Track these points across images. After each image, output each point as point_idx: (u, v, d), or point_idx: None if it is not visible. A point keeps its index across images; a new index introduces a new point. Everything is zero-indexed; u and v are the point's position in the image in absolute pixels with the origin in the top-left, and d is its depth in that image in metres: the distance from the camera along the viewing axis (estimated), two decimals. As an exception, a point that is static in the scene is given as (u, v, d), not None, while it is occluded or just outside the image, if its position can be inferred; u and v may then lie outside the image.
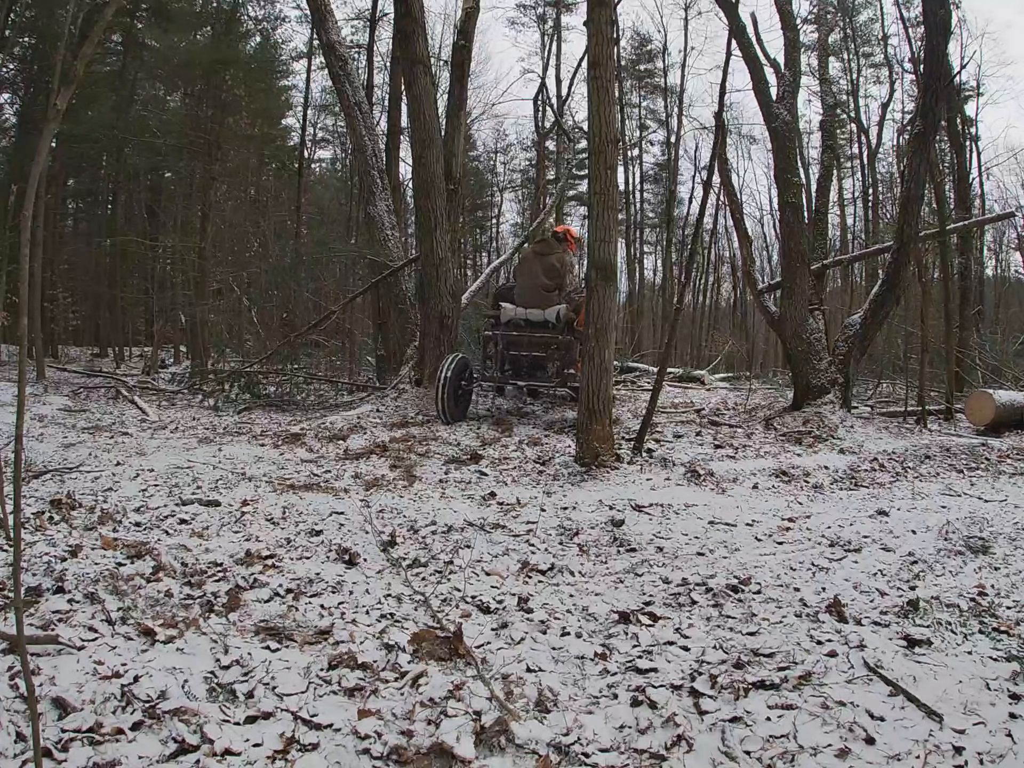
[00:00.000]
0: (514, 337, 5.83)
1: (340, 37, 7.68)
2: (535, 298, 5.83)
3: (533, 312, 5.79)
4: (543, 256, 5.99)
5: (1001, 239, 18.40)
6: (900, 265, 5.85)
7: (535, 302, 5.82)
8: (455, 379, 5.52)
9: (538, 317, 5.77)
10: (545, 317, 5.74)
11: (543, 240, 6.39)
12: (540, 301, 5.81)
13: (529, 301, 5.85)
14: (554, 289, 5.87)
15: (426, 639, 1.87)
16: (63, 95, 1.01)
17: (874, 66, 18.50)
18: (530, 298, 5.86)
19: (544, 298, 5.81)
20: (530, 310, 5.79)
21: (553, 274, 5.89)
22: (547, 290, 5.86)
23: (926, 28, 5.78)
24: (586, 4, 4.32)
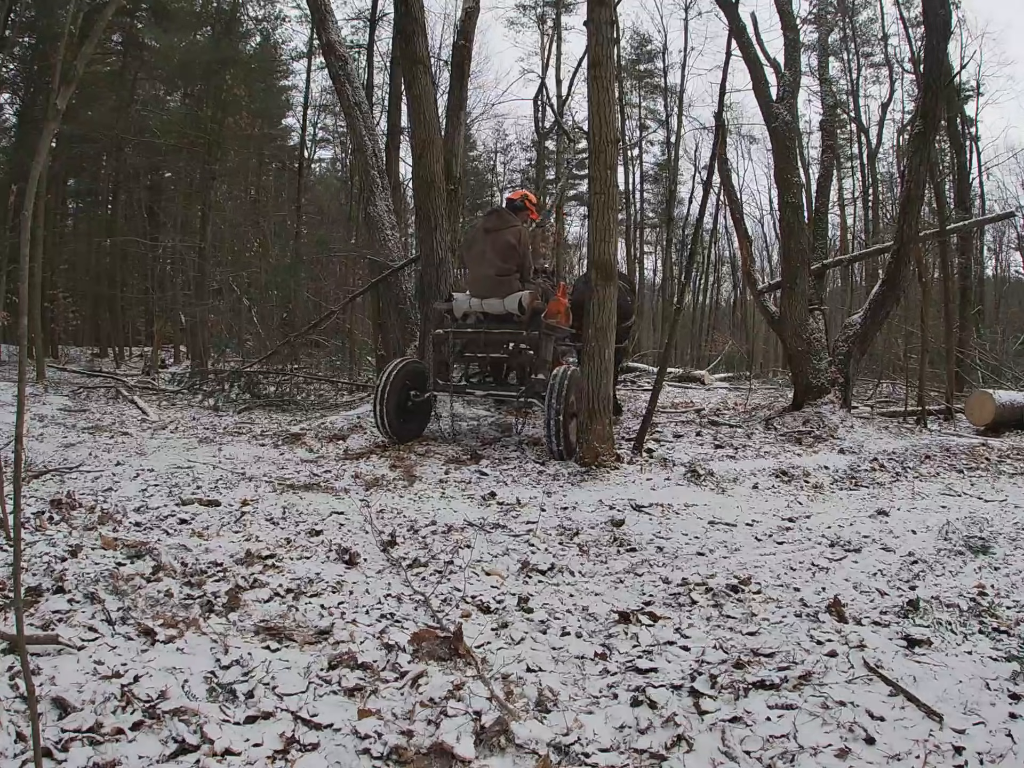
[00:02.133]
0: (470, 335, 4.87)
1: (340, 37, 7.68)
2: (491, 286, 4.80)
3: (490, 303, 4.79)
4: (496, 233, 4.84)
5: (1001, 239, 18.44)
6: (900, 265, 5.85)
7: (491, 290, 4.80)
8: (399, 388, 4.74)
9: (497, 308, 4.78)
10: (505, 308, 4.73)
11: (495, 212, 5.13)
12: (497, 289, 4.77)
13: (484, 290, 4.84)
14: (513, 272, 4.83)
15: (426, 639, 1.87)
16: (63, 95, 1.00)
17: (874, 66, 18.53)
18: (485, 286, 4.84)
19: (501, 284, 4.77)
20: (487, 300, 4.80)
21: (509, 254, 4.78)
22: (503, 274, 4.78)
23: (926, 28, 5.78)
24: (586, 4, 4.32)
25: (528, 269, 4.91)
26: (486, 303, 4.82)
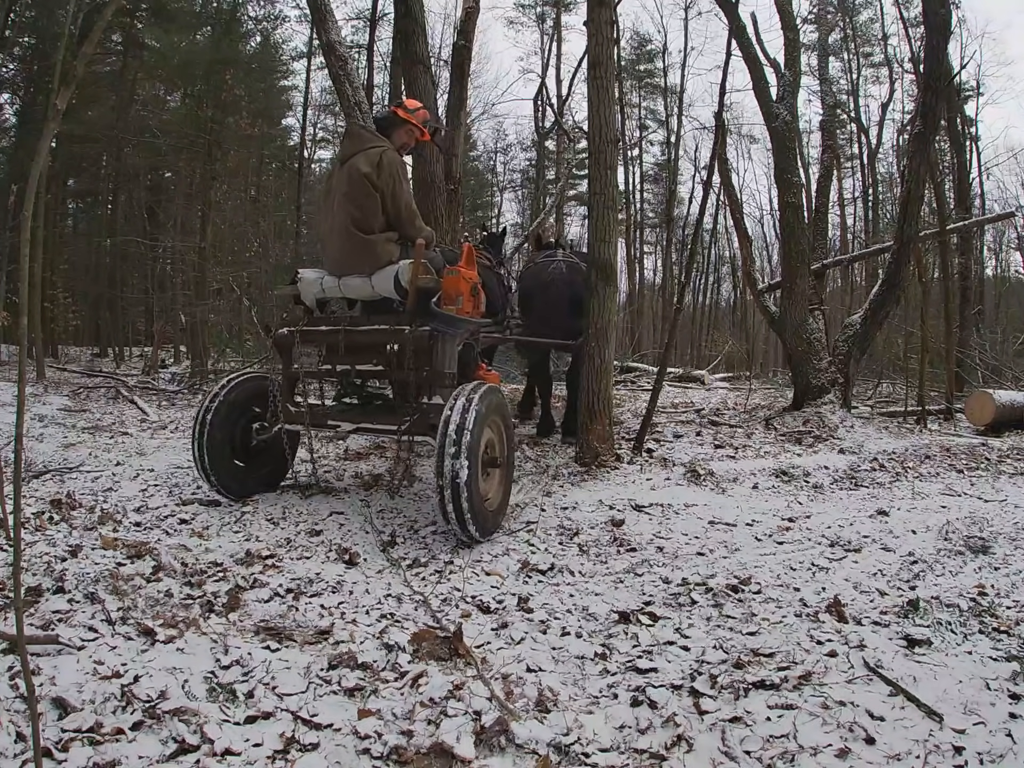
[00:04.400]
0: (323, 335, 3.23)
1: (340, 37, 7.66)
2: (347, 253, 3.15)
3: (351, 282, 3.20)
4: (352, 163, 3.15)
5: (1001, 239, 18.43)
6: (900, 265, 5.85)
7: (349, 260, 3.17)
8: (235, 417, 3.24)
9: (362, 291, 3.22)
10: (375, 289, 3.15)
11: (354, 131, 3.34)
12: (357, 257, 3.13)
13: (339, 260, 3.21)
14: (382, 227, 3.14)
15: (426, 639, 1.87)
16: (63, 95, 1.00)
17: (874, 66, 18.54)
18: (339, 254, 3.20)
19: (363, 250, 3.11)
20: (345, 279, 3.21)
21: (365, 194, 3.08)
22: (364, 230, 3.11)
23: (926, 28, 5.78)
24: (586, 4, 4.32)
25: (407, 221, 3.17)
26: (345, 283, 3.20)
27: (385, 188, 3.10)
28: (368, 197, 3.09)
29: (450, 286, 3.03)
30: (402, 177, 3.18)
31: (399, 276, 3.04)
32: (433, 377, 3.05)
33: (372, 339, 3.10)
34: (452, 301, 3.03)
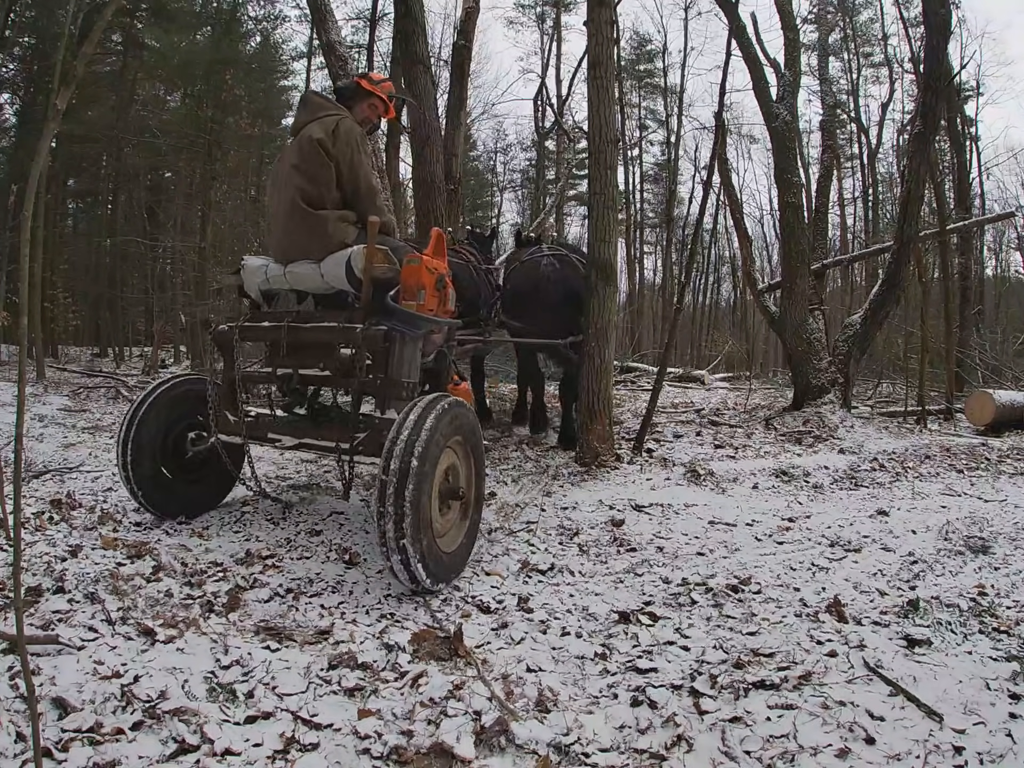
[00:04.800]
0: (264, 332, 2.82)
1: (340, 37, 7.67)
2: (296, 233, 2.73)
3: (298, 271, 2.76)
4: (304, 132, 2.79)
5: (1001, 239, 18.43)
6: (900, 265, 5.85)
7: (297, 242, 2.74)
8: (163, 425, 2.84)
9: (309, 280, 2.77)
10: (325, 279, 2.71)
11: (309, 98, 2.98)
12: (306, 237, 2.71)
13: (286, 243, 2.79)
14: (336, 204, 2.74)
15: (426, 639, 1.87)
16: (63, 95, 1.01)
17: (874, 66, 18.54)
18: (286, 235, 2.77)
19: (312, 231, 2.69)
20: (292, 266, 2.78)
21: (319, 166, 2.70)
22: (315, 205, 2.70)
23: (926, 28, 5.78)
24: (586, 4, 4.32)
25: (367, 198, 2.75)
26: (292, 271, 2.76)
27: (341, 157, 2.70)
28: (321, 167, 2.69)
29: (410, 277, 2.54)
30: (362, 148, 2.75)
31: (351, 263, 2.57)
32: (388, 386, 2.54)
33: (318, 338, 2.64)
34: (413, 295, 2.54)
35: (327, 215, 2.69)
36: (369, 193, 2.77)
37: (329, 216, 2.69)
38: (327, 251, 2.68)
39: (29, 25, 12.97)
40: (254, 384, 3.21)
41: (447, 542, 2.33)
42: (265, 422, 2.83)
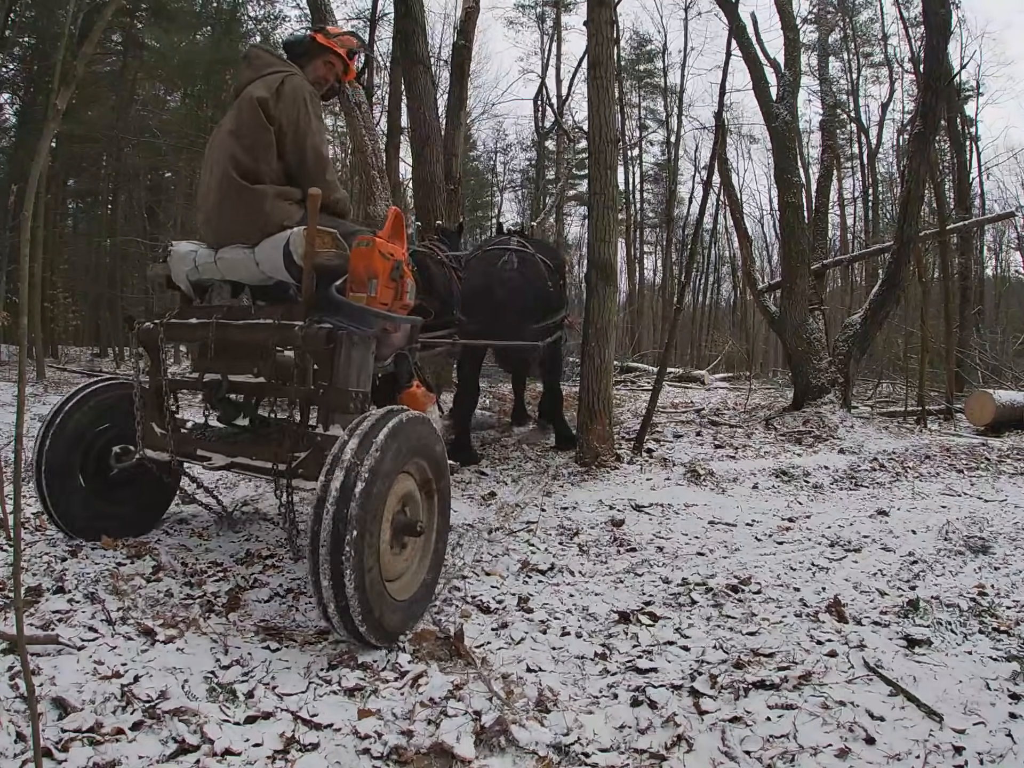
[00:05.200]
0: (191, 331, 2.39)
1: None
2: (226, 211, 2.33)
3: (229, 256, 2.36)
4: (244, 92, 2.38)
5: (1001, 239, 18.44)
6: (900, 265, 5.85)
7: (229, 222, 2.33)
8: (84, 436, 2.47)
9: (242, 268, 2.37)
10: (260, 266, 2.31)
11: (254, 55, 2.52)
12: (239, 216, 2.29)
13: (216, 223, 2.38)
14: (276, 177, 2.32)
15: (426, 639, 1.87)
16: (63, 95, 1.01)
17: (874, 66, 18.55)
18: (216, 214, 2.37)
19: (246, 206, 2.28)
20: (223, 251, 2.37)
21: (258, 129, 2.28)
22: (250, 177, 2.28)
23: (926, 28, 5.78)
24: (586, 4, 4.32)
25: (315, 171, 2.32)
26: (223, 257, 2.36)
27: (286, 120, 2.27)
28: (259, 130, 2.26)
29: (360, 263, 2.13)
30: (312, 111, 2.32)
31: (290, 247, 2.15)
32: (332, 397, 2.14)
33: (251, 338, 2.23)
34: (362, 286, 2.12)
35: (264, 190, 2.26)
36: (318, 164, 2.34)
37: (267, 192, 2.26)
38: (263, 233, 2.26)
39: (29, 25, 12.97)
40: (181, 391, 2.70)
41: (402, 587, 1.93)
42: (196, 436, 2.40)
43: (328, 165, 2.40)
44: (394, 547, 1.91)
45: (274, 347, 2.20)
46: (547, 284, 4.23)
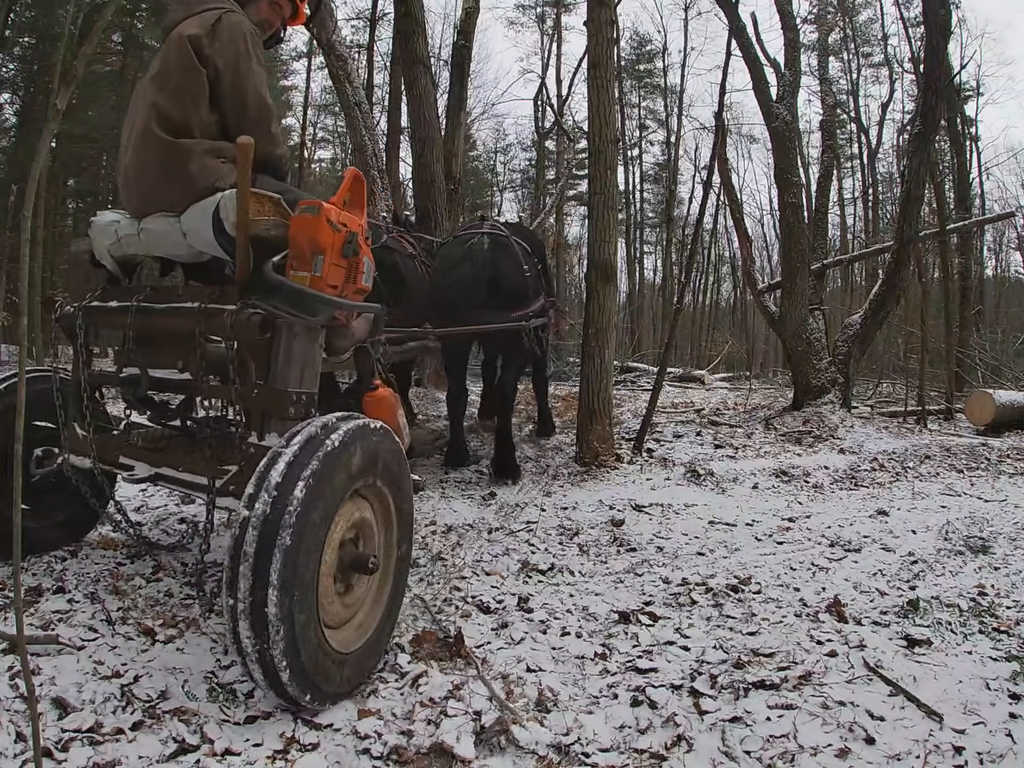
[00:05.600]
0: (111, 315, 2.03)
1: (340, 37, 7.68)
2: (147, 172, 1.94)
3: (152, 227, 1.99)
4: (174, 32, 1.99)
5: (1001, 239, 18.45)
6: (900, 265, 5.85)
7: (150, 186, 1.95)
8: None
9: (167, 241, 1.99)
10: (186, 238, 1.93)
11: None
12: (162, 177, 1.91)
13: (136, 187, 2.00)
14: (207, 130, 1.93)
15: (426, 640, 1.87)
16: (63, 95, 1.00)
17: (874, 66, 18.58)
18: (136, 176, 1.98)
19: (169, 164, 1.89)
20: (147, 221, 2.00)
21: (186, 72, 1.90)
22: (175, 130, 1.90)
23: (926, 28, 5.79)
24: (586, 4, 4.33)
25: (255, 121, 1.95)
26: (146, 228, 2.00)
27: (222, 62, 1.90)
28: (188, 73, 1.89)
29: (303, 234, 1.73)
30: (253, 52, 1.96)
31: (220, 214, 1.80)
32: (267, 398, 1.80)
33: (176, 326, 1.87)
34: (306, 263, 1.74)
35: (190, 145, 1.87)
36: (260, 113, 1.96)
37: (194, 148, 1.87)
38: (190, 198, 1.87)
39: (29, 25, 12.96)
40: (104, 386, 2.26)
41: (350, 636, 1.61)
42: (122, 441, 2.04)
43: (272, 116, 2.03)
44: (340, 587, 1.59)
45: (200, 337, 1.80)
46: (522, 267, 3.78)
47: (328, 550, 1.51)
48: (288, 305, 1.77)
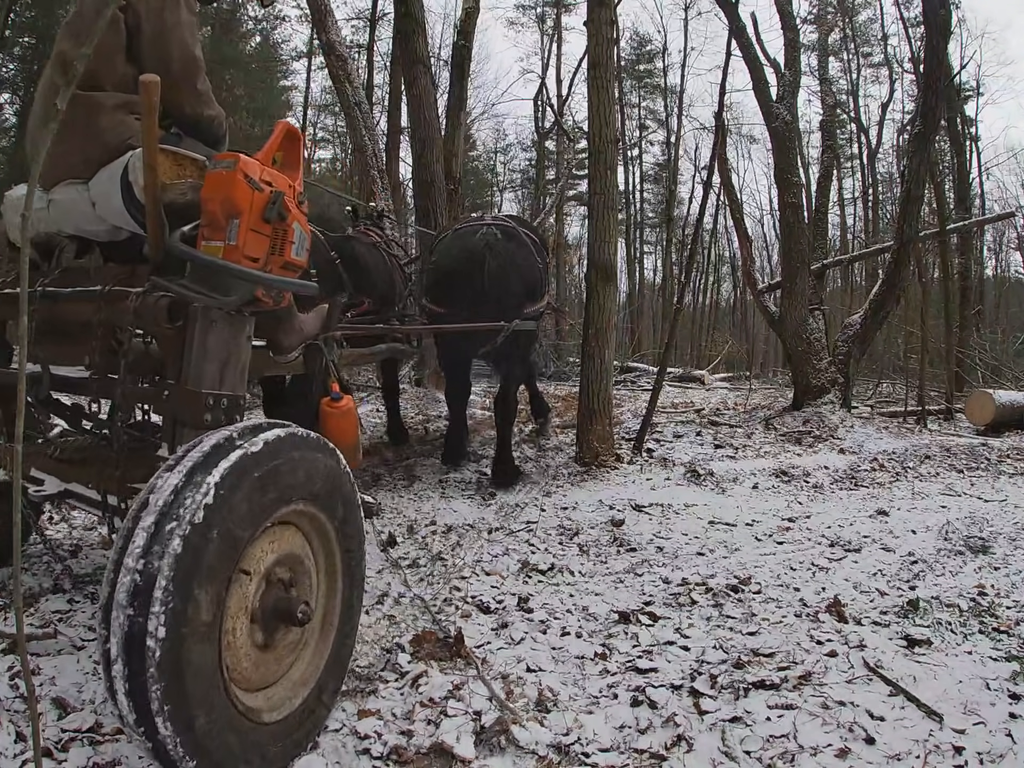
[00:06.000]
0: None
1: (340, 37, 7.69)
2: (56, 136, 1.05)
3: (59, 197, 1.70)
4: None
5: (1001, 239, 18.46)
6: (900, 265, 5.85)
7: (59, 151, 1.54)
8: None
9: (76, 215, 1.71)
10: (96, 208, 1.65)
11: None
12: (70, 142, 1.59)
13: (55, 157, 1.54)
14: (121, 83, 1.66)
15: (427, 640, 1.87)
16: (63, 95, 1.00)
17: (874, 66, 18.59)
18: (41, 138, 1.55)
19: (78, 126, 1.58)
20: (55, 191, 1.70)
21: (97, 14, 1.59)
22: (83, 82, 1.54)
23: (926, 28, 5.79)
24: (586, 4, 4.32)
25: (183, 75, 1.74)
26: (54, 199, 1.73)
27: (144, 6, 1.68)
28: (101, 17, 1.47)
29: (215, 194, 1.44)
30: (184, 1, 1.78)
31: (130, 176, 1.54)
32: (178, 402, 1.49)
33: (80, 314, 1.62)
34: (219, 229, 1.45)
35: (100, 99, 1.60)
36: (187, 69, 1.72)
37: (104, 102, 1.60)
38: (99, 160, 1.60)
39: (29, 25, 12.97)
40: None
41: (276, 700, 1.32)
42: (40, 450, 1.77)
43: (201, 71, 1.77)
44: (260, 639, 1.28)
45: (98, 326, 1.54)
46: (536, 261, 3.57)
47: (241, 591, 1.21)
48: (196, 283, 1.45)
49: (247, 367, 1.58)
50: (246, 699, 1.24)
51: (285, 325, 1.83)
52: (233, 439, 1.24)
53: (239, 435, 1.25)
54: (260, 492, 1.21)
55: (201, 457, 1.19)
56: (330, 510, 1.42)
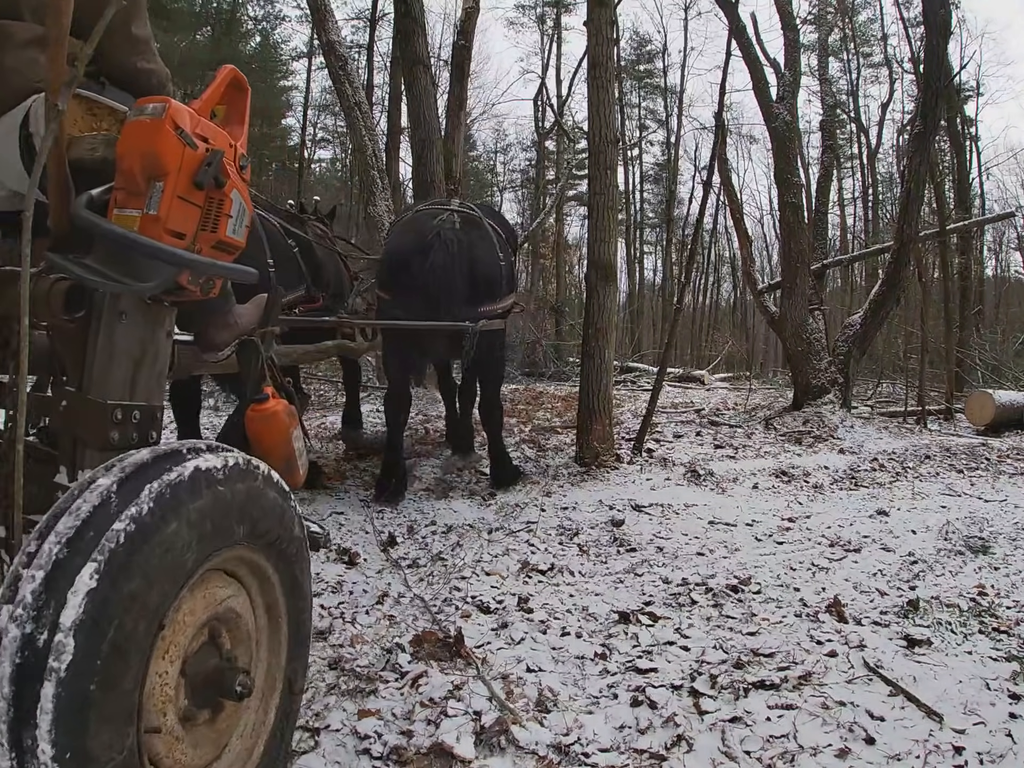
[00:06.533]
0: None
1: (340, 37, 7.68)
2: None
3: None
4: None
5: (1001, 239, 18.47)
6: (900, 265, 5.86)
7: None
8: None
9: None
10: None
11: None
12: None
13: None
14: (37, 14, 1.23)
15: (427, 640, 1.87)
16: (63, 95, 1.00)
17: (874, 66, 18.58)
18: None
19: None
20: None
21: None
22: None
23: (926, 28, 5.79)
24: (586, 4, 4.33)
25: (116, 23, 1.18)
26: None
27: None
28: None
29: (134, 148, 1.11)
30: None
31: (30, 125, 1.23)
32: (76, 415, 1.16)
33: None
34: (137, 195, 1.11)
35: (9, 29, 1.28)
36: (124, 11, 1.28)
37: (14, 33, 1.28)
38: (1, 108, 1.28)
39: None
40: None
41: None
42: None
43: (140, 13, 1.44)
44: (191, 715, 1.01)
45: None
46: (497, 256, 3.22)
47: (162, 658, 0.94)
48: (103, 263, 1.12)
49: (165, 371, 1.26)
50: None
51: (216, 318, 1.52)
52: (158, 462, 0.95)
53: (163, 459, 0.96)
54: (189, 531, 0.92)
55: (116, 482, 0.89)
56: (270, 552, 1.15)
